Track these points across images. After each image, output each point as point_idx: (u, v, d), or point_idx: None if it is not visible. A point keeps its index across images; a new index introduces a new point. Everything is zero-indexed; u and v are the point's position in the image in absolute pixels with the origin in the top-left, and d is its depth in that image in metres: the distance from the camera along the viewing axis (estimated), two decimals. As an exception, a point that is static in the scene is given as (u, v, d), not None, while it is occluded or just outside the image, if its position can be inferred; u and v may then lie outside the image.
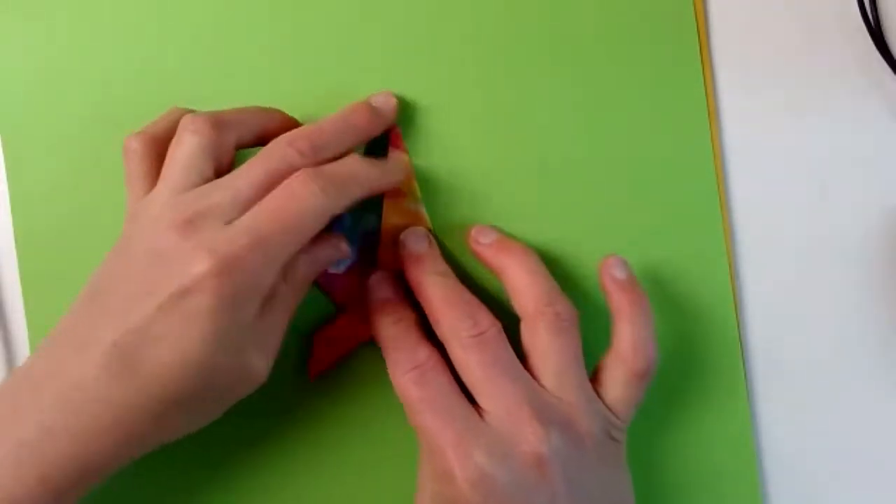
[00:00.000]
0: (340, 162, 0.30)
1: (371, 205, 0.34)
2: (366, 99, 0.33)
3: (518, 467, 0.28)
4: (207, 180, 0.29)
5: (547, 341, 0.30)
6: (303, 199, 0.28)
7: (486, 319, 0.30)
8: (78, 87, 0.35)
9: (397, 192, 0.34)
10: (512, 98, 0.34)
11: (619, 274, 0.32)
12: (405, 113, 0.34)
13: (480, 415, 0.29)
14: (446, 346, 0.30)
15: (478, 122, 0.34)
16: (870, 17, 0.34)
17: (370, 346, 0.33)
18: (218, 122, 0.30)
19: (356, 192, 0.30)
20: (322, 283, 0.34)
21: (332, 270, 0.34)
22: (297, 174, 0.29)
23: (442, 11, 0.35)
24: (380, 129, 0.33)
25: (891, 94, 0.34)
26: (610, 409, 0.31)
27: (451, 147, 0.34)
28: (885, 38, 0.34)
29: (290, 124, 0.33)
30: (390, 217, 0.34)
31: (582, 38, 0.34)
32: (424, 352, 0.30)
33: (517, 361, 0.30)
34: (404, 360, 0.30)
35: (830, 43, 0.34)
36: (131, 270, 0.28)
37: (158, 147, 0.31)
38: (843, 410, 0.34)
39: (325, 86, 0.35)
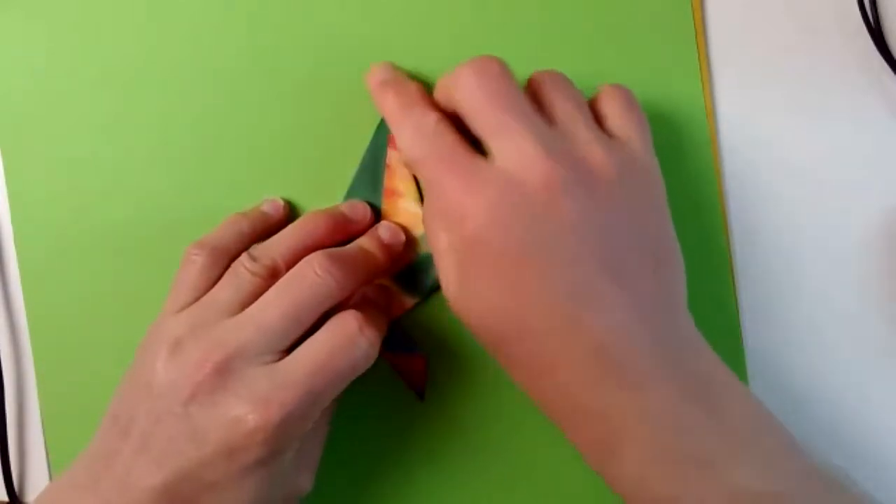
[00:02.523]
0: (381, 304, 0.32)
1: (371, 206, 0.34)
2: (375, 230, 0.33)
3: (529, 199, 0.26)
4: None
5: (550, 85, 0.30)
6: (357, 349, 0.29)
7: (488, 58, 0.29)
8: (78, 86, 0.35)
9: (396, 192, 0.34)
10: (511, 98, 0.34)
11: None
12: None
13: (489, 158, 0.28)
14: (453, 104, 0.29)
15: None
16: (870, 17, 0.34)
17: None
18: (276, 268, 0.30)
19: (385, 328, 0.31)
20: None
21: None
22: (349, 320, 0.29)
23: (441, 10, 0.35)
24: (388, 264, 0.32)
25: (891, 94, 0.34)
26: (627, 143, 0.29)
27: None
28: (885, 38, 0.34)
29: (326, 236, 0.32)
30: (390, 217, 0.34)
31: (580, 38, 0.34)
32: (433, 115, 0.29)
33: (524, 98, 0.28)
34: (413, 125, 0.29)
35: (830, 43, 0.34)
36: (165, 405, 0.28)
37: (219, 263, 0.31)
38: (843, 411, 0.34)
39: (326, 86, 0.35)
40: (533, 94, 0.30)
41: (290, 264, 0.30)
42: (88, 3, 0.35)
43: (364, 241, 0.32)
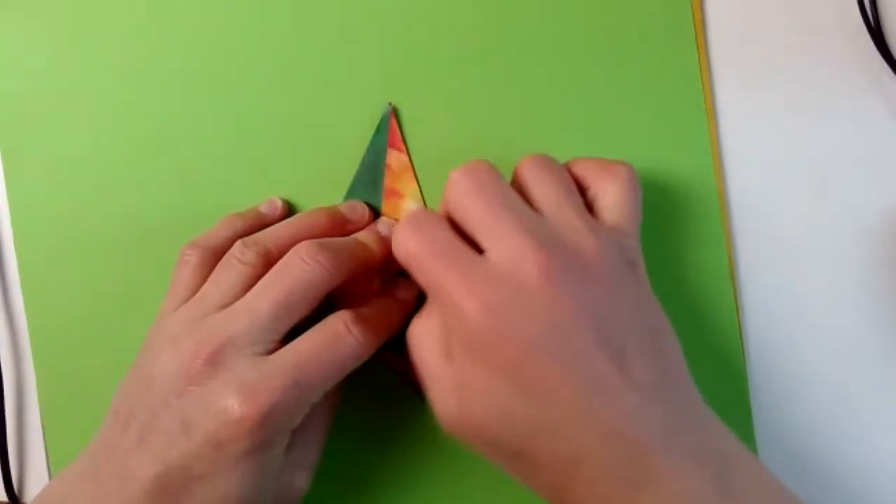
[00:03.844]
0: (381, 306, 0.31)
1: (371, 206, 0.34)
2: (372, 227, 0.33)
3: (527, 292, 0.26)
4: None
5: (538, 174, 0.30)
6: (345, 346, 0.29)
7: (476, 161, 0.29)
8: (78, 86, 0.35)
9: (397, 193, 0.34)
10: (511, 99, 0.34)
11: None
12: (405, 114, 0.34)
13: (484, 255, 0.27)
14: (447, 210, 0.29)
15: (477, 123, 0.34)
16: (870, 17, 0.34)
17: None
18: (269, 256, 0.30)
19: (387, 335, 0.31)
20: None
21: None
22: (339, 316, 0.29)
23: (441, 12, 0.35)
24: (384, 258, 0.32)
25: (891, 94, 0.34)
26: (615, 229, 0.30)
27: (450, 148, 0.34)
28: (885, 38, 0.34)
29: (322, 231, 0.32)
30: (390, 217, 0.34)
31: (579, 39, 0.34)
32: (422, 211, 0.29)
33: (513, 193, 0.29)
34: (408, 220, 0.29)
35: (830, 43, 0.34)
36: (161, 399, 0.28)
37: (213, 262, 0.31)
38: (842, 411, 0.34)
39: (326, 86, 0.35)
40: (520, 185, 0.30)
41: (284, 254, 0.30)
42: (88, 3, 0.35)
43: (360, 234, 0.33)
